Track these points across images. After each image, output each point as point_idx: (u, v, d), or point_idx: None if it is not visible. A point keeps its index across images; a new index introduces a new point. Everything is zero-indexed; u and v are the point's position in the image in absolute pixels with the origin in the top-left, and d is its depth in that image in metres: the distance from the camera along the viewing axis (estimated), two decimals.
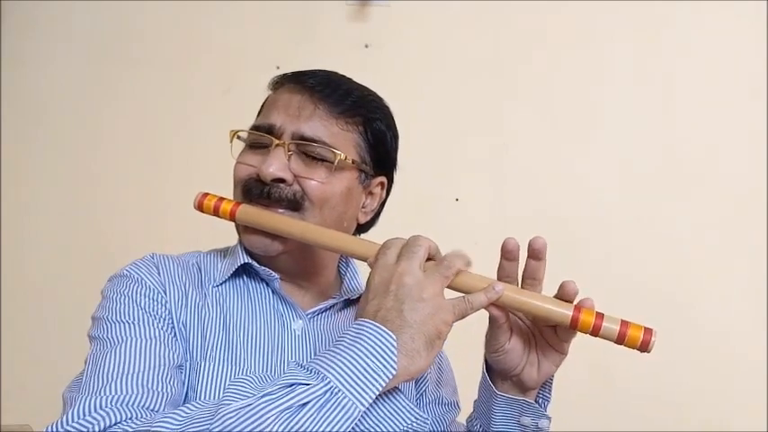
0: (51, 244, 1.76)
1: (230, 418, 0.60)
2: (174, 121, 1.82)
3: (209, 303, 0.82)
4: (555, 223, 1.81)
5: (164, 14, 1.85)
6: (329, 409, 0.62)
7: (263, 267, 0.85)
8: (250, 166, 0.84)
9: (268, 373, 0.79)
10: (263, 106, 0.92)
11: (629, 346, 0.69)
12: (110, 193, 1.79)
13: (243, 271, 0.86)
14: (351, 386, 0.63)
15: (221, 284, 0.85)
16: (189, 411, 0.63)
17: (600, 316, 0.70)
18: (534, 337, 0.79)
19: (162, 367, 0.72)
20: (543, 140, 1.85)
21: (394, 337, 0.65)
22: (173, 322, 0.78)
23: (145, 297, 0.79)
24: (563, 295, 0.73)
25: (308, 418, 0.61)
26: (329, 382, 0.63)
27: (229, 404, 0.62)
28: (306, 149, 0.83)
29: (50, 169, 1.80)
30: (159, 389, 0.70)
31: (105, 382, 0.69)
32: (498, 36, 1.88)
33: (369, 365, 0.64)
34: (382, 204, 0.95)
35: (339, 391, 0.62)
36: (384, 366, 0.64)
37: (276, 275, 0.85)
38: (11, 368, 1.68)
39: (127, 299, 0.79)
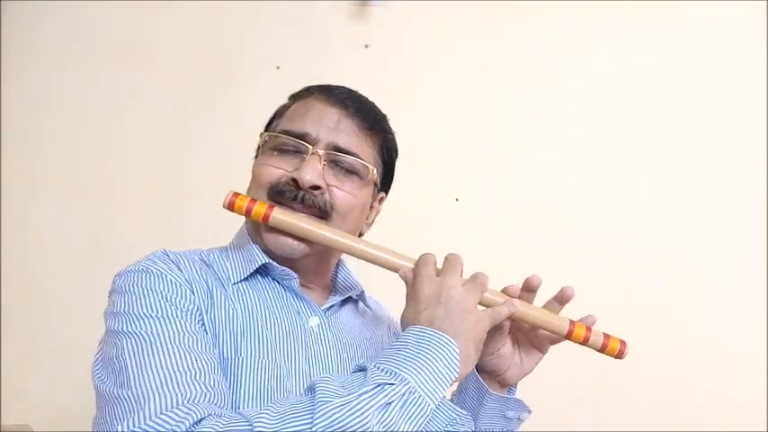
0: (51, 244, 1.76)
1: (334, 414, 0.63)
2: (173, 121, 1.81)
3: (232, 300, 0.83)
4: (555, 223, 1.81)
5: (164, 14, 1.84)
6: (410, 407, 0.67)
7: (283, 267, 0.87)
8: (280, 169, 0.87)
9: (292, 368, 0.80)
10: (285, 113, 0.93)
11: (608, 354, 0.86)
12: (110, 192, 1.79)
13: (256, 270, 0.88)
14: (425, 387, 0.69)
15: (238, 282, 0.87)
16: (279, 408, 0.65)
17: (588, 329, 0.85)
18: (518, 339, 0.89)
19: (210, 362, 0.73)
20: (543, 140, 1.86)
21: (456, 344, 0.72)
22: (202, 318, 0.79)
23: (172, 293, 0.78)
24: (560, 297, 0.86)
25: (394, 415, 0.66)
26: (408, 383, 0.68)
27: (330, 401, 0.64)
28: (338, 160, 0.87)
29: (50, 169, 1.80)
30: (216, 386, 0.71)
31: (168, 378, 0.68)
32: (498, 36, 1.88)
33: (438, 368, 0.71)
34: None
35: (416, 391, 0.68)
36: (450, 370, 0.71)
37: (294, 275, 0.87)
38: (11, 368, 1.68)
39: (155, 294, 0.78)
